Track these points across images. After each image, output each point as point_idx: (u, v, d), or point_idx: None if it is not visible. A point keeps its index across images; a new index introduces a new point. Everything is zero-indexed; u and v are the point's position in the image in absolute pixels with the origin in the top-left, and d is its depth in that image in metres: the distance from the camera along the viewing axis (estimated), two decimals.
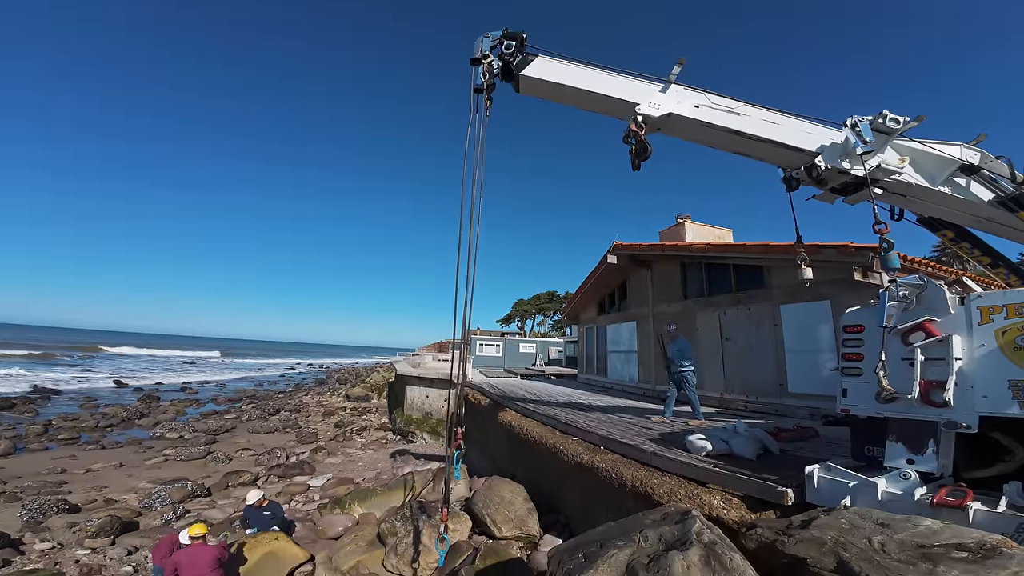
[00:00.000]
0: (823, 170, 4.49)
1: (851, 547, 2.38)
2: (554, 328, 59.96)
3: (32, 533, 8.04)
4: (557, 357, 30.56)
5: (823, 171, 4.50)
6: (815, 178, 4.62)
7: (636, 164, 4.93)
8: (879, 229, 3.99)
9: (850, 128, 4.30)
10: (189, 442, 16.37)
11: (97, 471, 12.47)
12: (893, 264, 3.95)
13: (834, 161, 4.45)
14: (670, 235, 14.40)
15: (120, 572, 6.87)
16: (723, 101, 4.89)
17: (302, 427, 20.38)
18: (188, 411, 24.22)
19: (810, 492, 3.67)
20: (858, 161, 4.29)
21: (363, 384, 34.10)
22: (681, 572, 2.77)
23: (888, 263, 3.96)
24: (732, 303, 10.30)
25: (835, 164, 4.43)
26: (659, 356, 8.43)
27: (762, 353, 9.42)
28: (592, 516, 5.36)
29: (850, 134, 4.28)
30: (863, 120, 4.27)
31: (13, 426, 17.28)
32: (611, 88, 5.04)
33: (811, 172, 4.59)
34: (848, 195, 4.77)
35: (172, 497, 10.07)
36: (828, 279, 8.02)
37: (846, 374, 3.95)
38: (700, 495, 4.26)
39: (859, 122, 4.26)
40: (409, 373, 19.59)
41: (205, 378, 44.42)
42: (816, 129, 4.71)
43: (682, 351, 7.93)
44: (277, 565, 6.27)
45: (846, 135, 4.32)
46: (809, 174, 4.63)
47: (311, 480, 12.00)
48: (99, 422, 19.25)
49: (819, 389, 8.10)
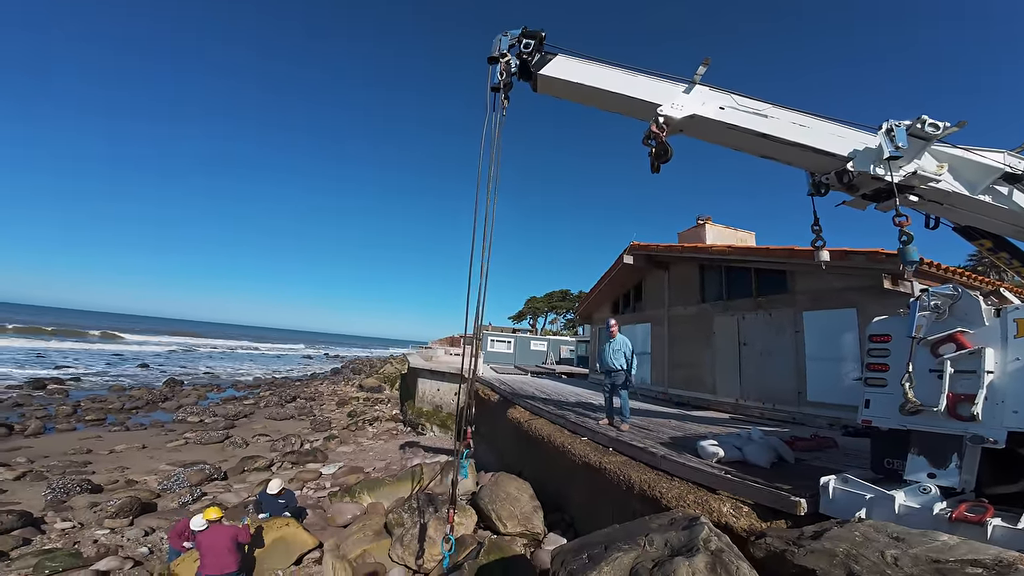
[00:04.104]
0: (855, 176, 4.36)
1: (863, 560, 2.30)
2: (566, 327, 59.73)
3: (54, 512, 8.30)
4: (568, 356, 30.42)
5: (855, 177, 4.36)
6: (846, 184, 4.49)
7: (656, 166, 4.82)
8: (899, 221, 3.92)
9: (885, 133, 4.14)
10: (209, 426, 16.86)
11: (121, 452, 12.93)
12: (911, 257, 3.88)
13: (866, 167, 4.29)
14: (689, 236, 14.14)
15: (136, 553, 7.01)
16: (750, 103, 4.74)
17: (316, 415, 20.77)
18: (209, 396, 25.01)
19: (824, 503, 3.59)
20: (893, 167, 4.14)
21: (376, 375, 34.63)
22: None
23: (906, 256, 3.89)
24: (752, 308, 10.08)
25: (867, 170, 4.29)
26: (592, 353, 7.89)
27: (781, 360, 9.19)
28: (598, 517, 5.32)
29: (884, 139, 4.12)
30: (899, 125, 4.11)
31: (44, 406, 18.09)
32: (632, 88, 4.93)
33: (842, 178, 4.46)
34: (881, 202, 4.59)
35: (190, 480, 10.36)
36: (855, 286, 7.81)
37: (869, 384, 3.85)
38: (709, 501, 4.18)
39: (895, 127, 4.11)
40: (421, 366, 19.81)
41: (227, 363, 45.94)
42: (848, 133, 4.55)
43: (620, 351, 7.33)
44: (287, 550, 6.43)
45: (880, 140, 4.17)
46: (840, 179, 4.50)
47: (323, 468, 12.22)
48: (125, 404, 20.00)
49: (840, 399, 7.89)
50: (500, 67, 5.04)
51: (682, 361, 12.21)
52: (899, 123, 4.12)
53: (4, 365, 28.36)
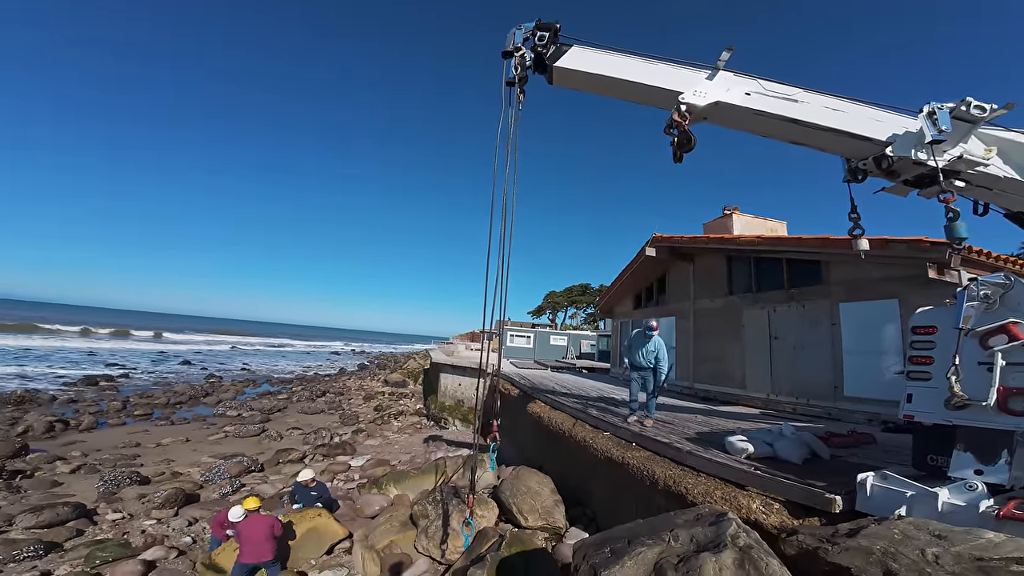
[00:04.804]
0: (895, 161, 4.17)
1: (901, 558, 2.19)
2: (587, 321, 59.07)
3: (106, 504, 8.82)
4: (589, 351, 30.16)
5: (895, 162, 4.18)
6: (885, 169, 4.30)
7: (678, 156, 4.71)
8: (945, 198, 3.80)
9: (926, 116, 3.95)
10: (246, 420, 17.65)
11: (166, 445, 13.68)
12: (959, 233, 3.75)
13: (907, 151, 4.10)
14: (716, 227, 13.74)
15: (180, 542, 7.35)
16: (778, 88, 4.56)
17: (345, 409, 21.41)
18: (246, 391, 26.13)
19: (861, 500, 3.45)
20: (936, 152, 3.94)
21: (400, 370, 35.32)
22: (713, 574, 2.66)
23: (954, 232, 3.77)
24: (784, 300, 9.72)
25: (908, 155, 4.09)
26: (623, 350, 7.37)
27: (816, 353, 8.85)
28: (620, 512, 5.27)
29: (926, 123, 3.93)
30: (942, 107, 3.92)
31: (96, 402, 19.30)
32: (651, 77, 4.81)
33: (881, 163, 4.27)
34: (924, 188, 4.37)
35: (230, 472, 10.87)
36: (896, 276, 7.45)
37: (912, 378, 3.71)
38: (738, 498, 4.08)
39: (937, 109, 3.91)
40: (443, 361, 20.09)
41: (261, 360, 47.91)
42: (886, 117, 4.34)
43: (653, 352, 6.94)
44: (319, 540, 6.65)
45: (921, 124, 3.98)
46: (878, 165, 4.32)
47: (352, 460, 12.60)
48: (170, 400, 21.15)
49: (879, 393, 7.54)
50: (515, 61, 5.02)
51: (709, 355, 11.91)
52: (941, 105, 3.93)
53: (61, 364, 30.40)
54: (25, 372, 25.34)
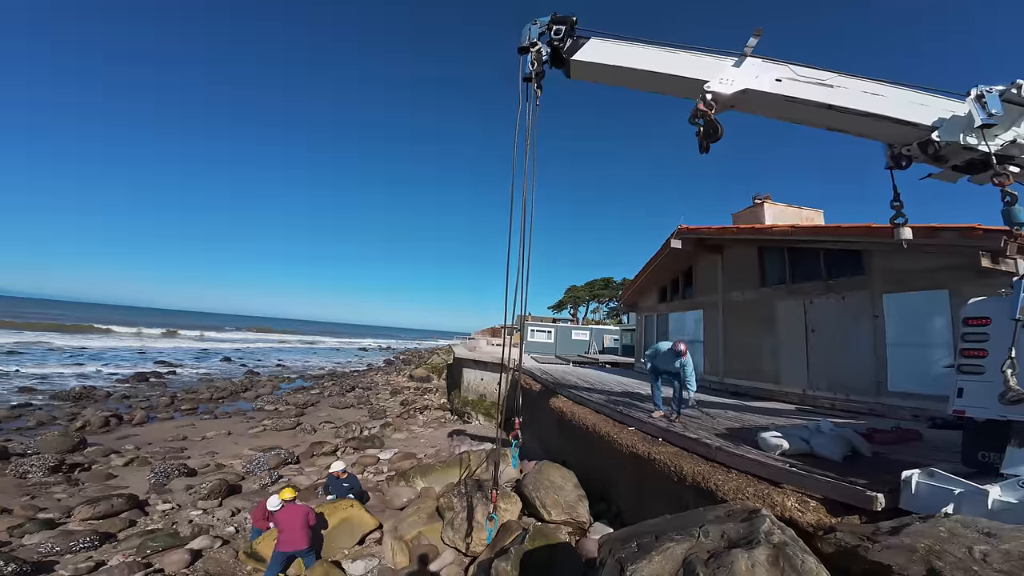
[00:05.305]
0: (942, 146, 3.97)
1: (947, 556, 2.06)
2: (609, 316, 58.22)
3: (156, 495, 9.31)
4: (613, 345, 29.74)
5: (942, 147, 3.97)
6: (931, 155, 4.09)
7: (705, 146, 4.56)
8: (999, 181, 3.60)
9: (975, 99, 3.74)
10: (282, 414, 18.37)
11: (210, 438, 14.35)
12: (1020, 218, 3.56)
13: (954, 136, 3.89)
14: (746, 217, 13.26)
15: (224, 532, 7.68)
16: (811, 72, 4.36)
17: (373, 404, 21.95)
18: (282, 386, 27.22)
19: (905, 498, 3.29)
20: (987, 136, 3.73)
21: (425, 365, 35.90)
22: (745, 571, 2.58)
23: (1013, 217, 3.58)
24: (821, 291, 9.31)
25: (956, 140, 3.89)
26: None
27: (857, 347, 8.45)
28: (646, 508, 5.20)
29: (974, 106, 3.73)
30: (991, 90, 3.71)
31: (147, 397, 20.50)
32: (674, 66, 4.66)
33: (927, 149, 4.07)
34: (975, 174, 4.14)
35: (269, 463, 11.33)
36: (946, 265, 7.02)
37: (963, 372, 3.53)
38: (772, 495, 3.95)
39: (986, 92, 3.71)
40: (465, 356, 20.30)
41: (294, 356, 49.91)
42: (931, 100, 4.12)
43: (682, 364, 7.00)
44: (352, 531, 6.88)
45: (969, 107, 3.79)
46: (924, 151, 4.11)
47: (381, 453, 12.94)
48: (213, 395, 22.23)
49: (926, 388, 7.15)
50: (531, 57, 4.96)
51: (739, 349, 11.55)
52: (990, 88, 3.73)
53: (115, 362, 32.47)
54: (83, 371, 27.19)
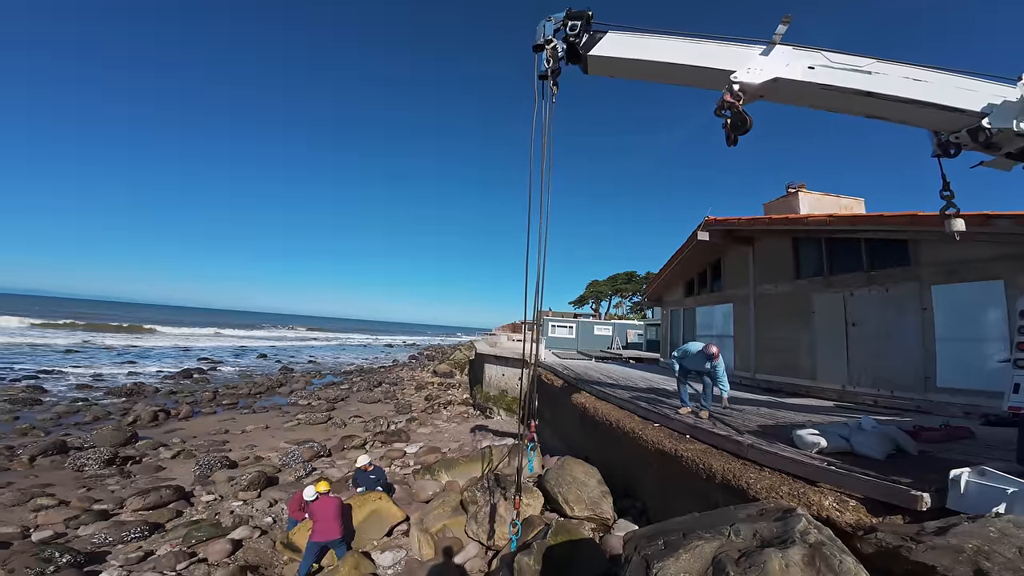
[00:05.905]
0: (993, 133, 3.74)
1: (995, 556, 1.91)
2: (632, 310, 57.15)
3: (201, 486, 9.79)
4: (636, 340, 29.18)
5: (994, 134, 3.75)
6: (983, 143, 3.85)
7: (732, 139, 4.37)
8: None
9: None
10: (315, 409, 19.02)
11: (250, 432, 14.99)
12: None
13: (1007, 122, 3.66)
14: (778, 207, 12.73)
15: (263, 523, 8.00)
16: (846, 59, 4.11)
17: (399, 399, 22.41)
18: (314, 382, 28.17)
19: (953, 498, 3.08)
20: None
21: (448, 361, 36.35)
22: (779, 571, 2.47)
23: None
24: (863, 283, 8.85)
25: (1010, 125, 3.66)
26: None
27: (903, 341, 7.99)
28: (672, 506, 5.08)
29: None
30: None
31: (192, 393, 21.60)
32: (697, 57, 4.47)
33: (976, 136, 3.83)
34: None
35: (303, 456, 11.74)
36: (1001, 255, 6.58)
37: (1021, 367, 3.35)
38: (808, 494, 3.78)
39: None
40: (487, 352, 20.46)
41: (325, 353, 51.77)
42: (979, 85, 3.87)
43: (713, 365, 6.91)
44: (380, 522, 7.05)
45: (1021, 92, 3.59)
46: (974, 138, 3.87)
47: (407, 447, 13.22)
48: (251, 390, 23.23)
49: (978, 384, 6.70)
50: (546, 54, 4.87)
51: (772, 344, 11.11)
52: None
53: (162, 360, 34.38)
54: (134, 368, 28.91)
